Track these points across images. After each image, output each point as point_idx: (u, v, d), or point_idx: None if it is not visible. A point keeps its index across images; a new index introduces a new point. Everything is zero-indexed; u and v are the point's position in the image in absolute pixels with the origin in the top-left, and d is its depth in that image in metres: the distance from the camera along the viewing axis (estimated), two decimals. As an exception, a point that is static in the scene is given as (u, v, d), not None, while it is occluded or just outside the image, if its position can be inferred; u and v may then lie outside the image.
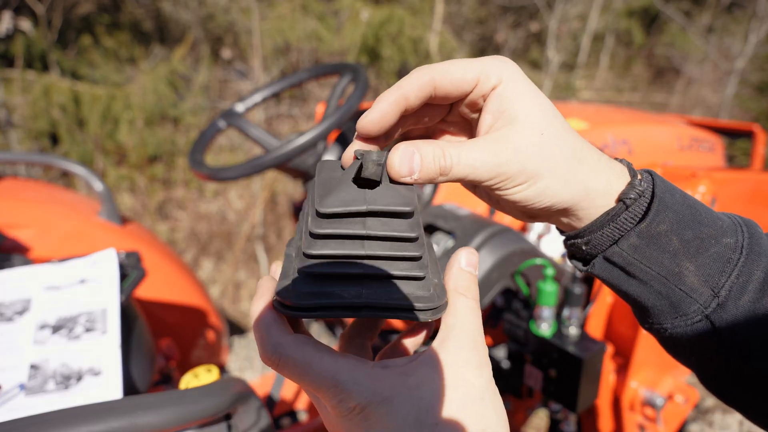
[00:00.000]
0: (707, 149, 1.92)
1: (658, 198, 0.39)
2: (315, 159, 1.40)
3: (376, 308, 0.34)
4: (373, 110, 0.38)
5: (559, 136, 0.38)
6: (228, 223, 3.68)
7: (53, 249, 1.45)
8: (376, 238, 0.35)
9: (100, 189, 1.64)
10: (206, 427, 0.62)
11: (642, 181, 0.40)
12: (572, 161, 0.38)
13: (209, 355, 1.97)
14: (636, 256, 0.39)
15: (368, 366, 0.34)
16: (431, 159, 0.36)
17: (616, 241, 0.40)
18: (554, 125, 0.38)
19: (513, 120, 0.37)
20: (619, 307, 1.28)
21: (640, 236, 0.39)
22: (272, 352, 0.34)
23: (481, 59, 0.38)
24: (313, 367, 0.33)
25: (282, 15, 4.47)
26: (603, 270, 0.41)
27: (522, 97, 0.37)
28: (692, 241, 0.38)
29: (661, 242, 0.38)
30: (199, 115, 4.20)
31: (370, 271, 0.34)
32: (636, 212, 0.39)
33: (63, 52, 4.33)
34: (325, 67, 1.43)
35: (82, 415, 0.53)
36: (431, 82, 0.37)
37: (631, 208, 0.39)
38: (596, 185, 0.39)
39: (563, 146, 0.38)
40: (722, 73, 5.84)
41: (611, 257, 0.40)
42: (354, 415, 0.33)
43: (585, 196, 0.39)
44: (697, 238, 0.38)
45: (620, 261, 0.40)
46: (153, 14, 5.54)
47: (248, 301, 3.28)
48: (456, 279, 0.37)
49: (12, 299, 0.93)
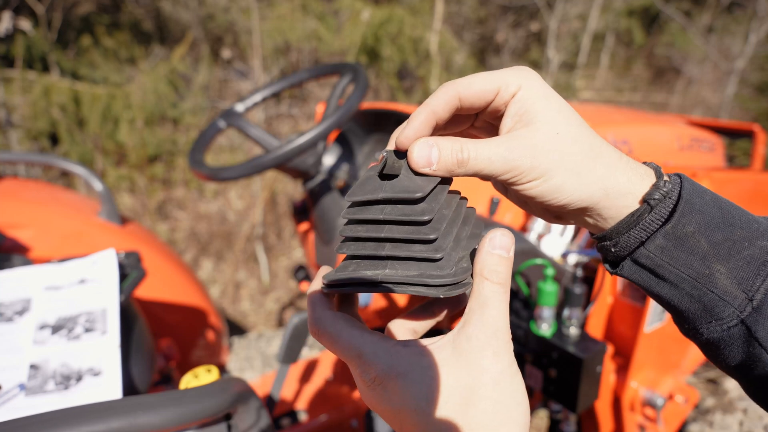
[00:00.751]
0: (707, 149, 1.92)
1: (684, 200, 0.39)
2: (315, 159, 1.40)
3: (391, 283, 0.38)
4: (407, 128, 0.41)
5: (575, 134, 0.39)
6: (228, 223, 3.68)
7: (53, 249, 1.45)
8: (392, 222, 0.38)
9: (99, 189, 1.64)
10: (206, 427, 0.62)
11: (668, 182, 0.40)
12: (588, 159, 0.39)
13: (209, 355, 1.97)
14: (664, 257, 0.39)
15: (390, 343, 0.37)
16: (449, 152, 0.38)
17: (643, 243, 0.40)
18: (571, 124, 0.39)
19: (531, 121, 0.39)
20: (619, 307, 1.28)
21: (666, 238, 0.39)
22: (313, 324, 0.40)
23: (501, 70, 0.40)
24: (342, 340, 0.38)
25: (282, 15, 4.47)
26: (632, 272, 0.42)
27: (539, 100, 0.39)
28: (722, 243, 0.38)
29: (689, 244, 0.38)
30: (199, 115, 4.20)
31: (390, 252, 0.39)
32: (661, 213, 0.39)
33: (63, 52, 4.33)
34: (325, 67, 1.43)
35: (82, 416, 0.53)
36: (456, 95, 0.40)
37: (656, 209, 0.39)
38: (615, 184, 0.39)
39: (579, 144, 0.39)
40: (722, 73, 5.84)
41: (639, 259, 0.40)
42: (375, 385, 0.36)
43: (604, 195, 0.39)
44: (729, 240, 0.38)
45: (648, 263, 0.40)
46: (153, 14, 5.54)
47: (248, 301, 3.28)
48: (483, 262, 0.37)
49: (12, 299, 0.93)
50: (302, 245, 1.81)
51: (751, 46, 5.02)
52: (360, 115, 1.72)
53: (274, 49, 4.47)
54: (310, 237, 1.67)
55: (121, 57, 4.76)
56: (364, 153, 1.77)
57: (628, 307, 1.25)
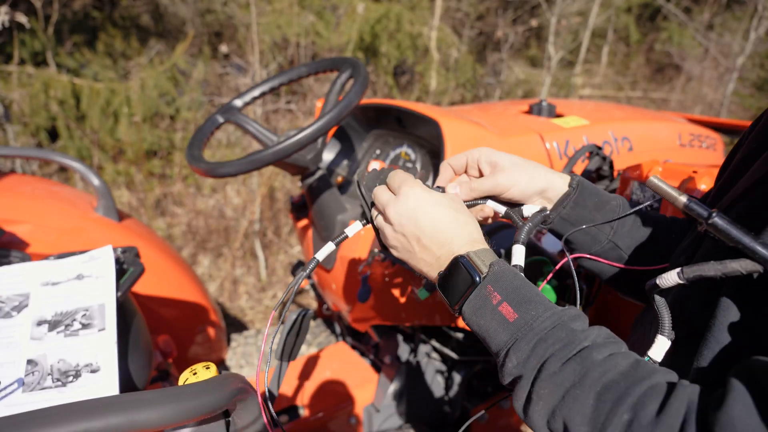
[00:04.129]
0: (708, 146, 1.92)
1: (580, 189, 0.77)
2: (314, 154, 1.39)
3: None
4: (440, 179, 0.82)
5: (522, 162, 0.78)
6: (226, 219, 3.67)
7: (50, 245, 1.44)
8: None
9: (97, 184, 1.63)
10: (205, 424, 0.62)
11: (574, 181, 0.78)
12: (533, 169, 0.78)
13: (207, 351, 1.96)
14: (572, 215, 0.78)
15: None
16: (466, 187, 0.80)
17: (564, 208, 0.78)
18: (517, 158, 0.78)
19: (497, 163, 0.78)
20: (619, 307, 1.28)
21: (573, 203, 0.78)
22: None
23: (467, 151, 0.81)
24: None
25: (279, 10, 4.45)
26: (558, 225, 0.79)
27: (496, 154, 0.79)
28: (597, 203, 0.77)
29: (585, 205, 0.77)
30: (197, 111, 4.19)
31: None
32: (572, 194, 0.77)
33: (60, 46, 4.30)
34: (324, 62, 1.42)
35: (79, 412, 0.52)
36: (449, 167, 0.81)
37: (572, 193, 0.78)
38: (554, 180, 0.78)
39: (527, 165, 0.78)
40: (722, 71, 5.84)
41: (564, 216, 0.78)
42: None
43: (548, 186, 0.78)
44: (600, 201, 0.78)
45: (565, 217, 0.78)
46: (151, 8, 5.51)
47: (246, 297, 3.28)
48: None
49: (9, 295, 0.92)
50: (300, 242, 1.81)
51: (750, 43, 5.02)
52: (359, 111, 1.71)
53: (271, 45, 4.45)
54: (309, 233, 1.67)
55: (118, 51, 4.73)
56: (364, 149, 1.77)
57: (628, 306, 1.25)
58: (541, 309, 0.57)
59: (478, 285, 0.61)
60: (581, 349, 0.53)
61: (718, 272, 0.53)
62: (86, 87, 3.65)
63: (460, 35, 5.82)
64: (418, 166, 1.58)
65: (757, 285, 0.51)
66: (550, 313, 0.57)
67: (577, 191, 0.76)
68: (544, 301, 0.59)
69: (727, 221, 0.53)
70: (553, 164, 1.48)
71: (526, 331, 0.56)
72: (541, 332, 0.55)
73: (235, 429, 0.64)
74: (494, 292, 0.60)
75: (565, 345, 0.53)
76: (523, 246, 0.70)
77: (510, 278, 0.61)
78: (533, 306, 0.58)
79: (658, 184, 0.61)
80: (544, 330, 0.55)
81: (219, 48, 4.78)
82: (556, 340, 0.54)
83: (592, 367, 0.51)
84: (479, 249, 0.65)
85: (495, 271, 0.61)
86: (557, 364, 0.52)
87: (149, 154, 4.11)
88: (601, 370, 0.50)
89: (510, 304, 0.58)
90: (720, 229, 0.53)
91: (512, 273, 0.62)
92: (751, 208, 0.57)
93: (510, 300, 0.59)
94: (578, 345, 0.53)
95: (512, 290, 0.60)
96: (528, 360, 0.54)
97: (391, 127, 1.69)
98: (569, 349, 0.53)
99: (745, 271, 0.51)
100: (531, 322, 0.56)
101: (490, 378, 1.82)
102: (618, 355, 0.52)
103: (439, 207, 0.68)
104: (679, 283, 0.56)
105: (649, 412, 0.45)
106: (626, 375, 0.49)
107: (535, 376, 0.54)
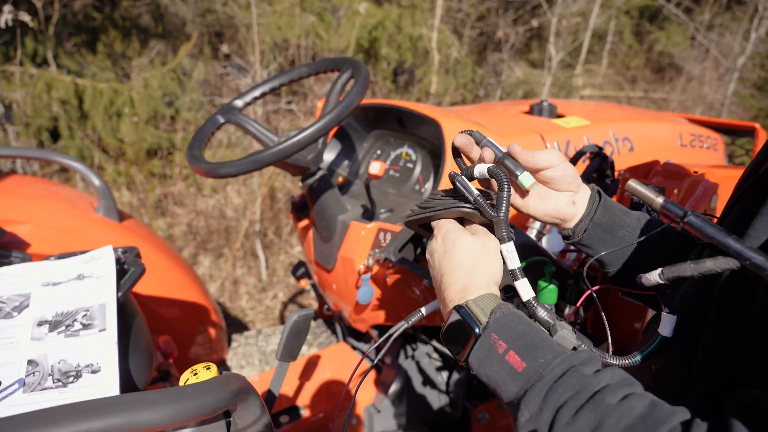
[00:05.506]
0: (708, 147, 1.92)
1: (603, 196, 0.77)
2: (314, 155, 1.39)
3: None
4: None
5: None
6: (226, 220, 3.67)
7: (51, 245, 1.44)
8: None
9: (97, 185, 1.63)
10: (205, 425, 0.61)
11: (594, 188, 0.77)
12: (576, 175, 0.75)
13: (208, 352, 1.96)
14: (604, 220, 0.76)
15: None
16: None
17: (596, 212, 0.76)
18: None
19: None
20: (619, 307, 1.27)
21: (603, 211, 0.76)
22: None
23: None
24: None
25: (280, 11, 4.45)
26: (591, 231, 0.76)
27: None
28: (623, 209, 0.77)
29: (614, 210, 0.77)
30: (197, 111, 4.19)
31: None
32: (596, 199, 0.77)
33: (62, 46, 4.31)
34: (324, 62, 1.42)
35: (80, 412, 0.52)
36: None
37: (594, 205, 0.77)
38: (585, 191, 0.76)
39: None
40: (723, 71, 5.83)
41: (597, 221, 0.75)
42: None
43: (579, 197, 0.76)
44: (624, 208, 0.77)
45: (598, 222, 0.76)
46: (151, 8, 5.52)
47: (247, 298, 3.28)
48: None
49: (10, 295, 0.92)
50: (301, 242, 1.80)
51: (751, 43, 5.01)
52: (360, 111, 1.71)
53: (272, 45, 4.45)
54: (309, 234, 1.67)
55: (119, 51, 4.73)
56: (364, 149, 1.77)
57: (628, 306, 1.25)
58: (550, 355, 0.55)
59: (479, 336, 0.59)
60: (593, 394, 0.50)
61: (694, 272, 0.54)
62: (89, 87, 3.65)
63: (460, 36, 5.82)
64: (419, 167, 1.58)
65: (741, 282, 0.52)
66: (560, 359, 0.54)
67: (602, 197, 0.75)
68: (552, 345, 0.57)
69: (702, 220, 0.55)
70: (554, 165, 1.48)
71: (536, 381, 0.53)
72: (551, 381, 0.53)
73: (235, 429, 0.64)
74: (499, 340, 0.58)
75: (578, 392, 0.51)
76: (511, 243, 0.68)
77: (514, 324, 0.59)
78: (541, 353, 0.55)
79: (636, 187, 0.63)
80: (554, 378, 0.53)
81: (220, 48, 4.78)
82: (567, 388, 0.52)
83: (608, 413, 0.48)
84: (480, 296, 0.63)
85: (497, 318, 0.59)
86: (570, 413, 0.50)
87: (150, 155, 4.11)
88: (617, 415, 0.48)
89: (517, 353, 0.56)
90: (696, 227, 0.55)
91: (516, 317, 0.60)
92: (742, 211, 0.58)
93: (516, 348, 0.56)
94: (590, 390, 0.51)
95: (518, 337, 0.57)
96: (540, 413, 0.52)
97: (392, 127, 1.69)
98: (582, 396, 0.51)
99: (720, 269, 0.52)
100: (540, 371, 0.54)
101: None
102: (633, 396, 0.50)
103: (457, 249, 0.68)
104: (660, 282, 0.57)
105: None
106: (644, 419, 0.47)
107: (549, 430, 0.52)
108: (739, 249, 0.51)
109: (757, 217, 0.54)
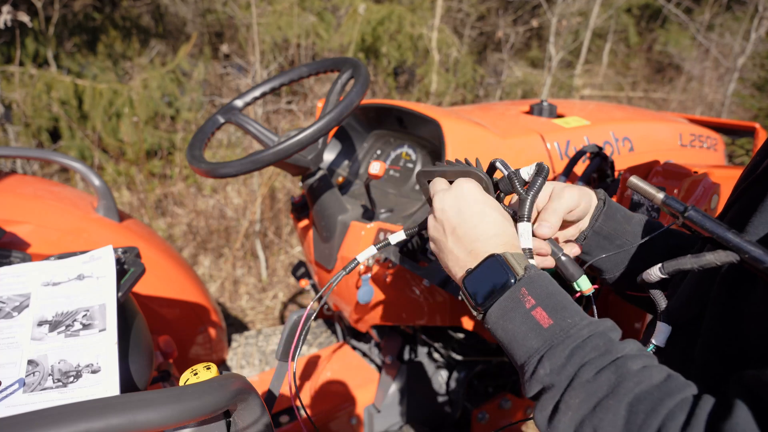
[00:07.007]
0: (708, 147, 1.92)
1: (608, 202, 0.78)
2: (314, 155, 1.39)
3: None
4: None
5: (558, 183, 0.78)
6: (226, 220, 3.67)
7: (51, 245, 1.44)
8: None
9: (97, 185, 1.63)
10: (206, 425, 0.61)
11: (600, 193, 0.79)
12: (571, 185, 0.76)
13: (208, 352, 1.96)
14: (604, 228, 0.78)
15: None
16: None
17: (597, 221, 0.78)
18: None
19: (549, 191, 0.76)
20: (619, 307, 1.28)
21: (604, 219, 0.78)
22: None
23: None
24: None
25: (280, 11, 4.45)
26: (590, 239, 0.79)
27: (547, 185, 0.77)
28: (626, 216, 0.78)
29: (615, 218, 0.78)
30: (197, 111, 4.19)
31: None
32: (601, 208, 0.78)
33: (62, 47, 4.31)
34: (324, 62, 1.42)
35: (80, 412, 0.52)
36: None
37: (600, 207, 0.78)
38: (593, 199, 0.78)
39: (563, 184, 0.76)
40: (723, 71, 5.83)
41: (597, 229, 0.78)
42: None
43: (590, 203, 0.76)
44: (627, 215, 0.78)
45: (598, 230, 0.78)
46: (151, 9, 5.51)
47: (247, 298, 3.28)
48: None
49: (10, 295, 0.92)
50: (301, 242, 1.80)
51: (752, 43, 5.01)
52: (360, 111, 1.71)
53: (272, 45, 4.45)
54: (310, 233, 1.67)
55: (119, 52, 4.73)
56: (364, 149, 1.77)
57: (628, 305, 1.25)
58: (577, 317, 0.56)
59: (511, 286, 0.59)
60: (617, 358, 0.52)
61: (694, 265, 0.55)
62: (89, 88, 3.65)
63: (460, 36, 5.82)
64: (419, 167, 1.58)
65: (741, 276, 0.54)
66: (588, 321, 0.56)
67: (606, 205, 0.76)
68: (579, 310, 0.58)
69: (702, 214, 0.56)
70: (554, 165, 1.48)
71: (563, 338, 0.54)
72: (578, 340, 0.54)
73: (235, 429, 0.64)
74: (528, 295, 0.58)
75: (602, 354, 0.52)
76: (529, 223, 0.67)
77: (546, 283, 0.59)
78: (569, 314, 0.56)
79: (637, 183, 0.63)
80: (581, 338, 0.54)
81: (220, 48, 4.78)
82: (593, 348, 0.53)
83: (627, 376, 0.50)
84: (516, 252, 0.64)
85: (531, 275, 0.60)
86: (592, 372, 0.51)
87: (150, 155, 4.11)
88: (635, 380, 0.49)
89: (545, 309, 0.57)
90: (696, 221, 0.56)
91: (548, 279, 0.60)
92: (741, 209, 0.59)
93: (545, 305, 0.57)
94: (615, 354, 0.52)
95: (547, 296, 0.58)
96: (564, 368, 0.53)
97: (392, 127, 1.69)
98: (606, 358, 0.52)
99: (720, 263, 0.53)
100: (568, 330, 0.55)
101: (491, 378, 1.82)
102: (652, 367, 0.51)
103: (487, 207, 0.67)
104: (661, 276, 0.58)
105: (677, 425, 0.45)
106: (659, 387, 0.49)
107: (567, 385, 0.52)
108: (738, 243, 0.51)
109: (756, 214, 0.55)
